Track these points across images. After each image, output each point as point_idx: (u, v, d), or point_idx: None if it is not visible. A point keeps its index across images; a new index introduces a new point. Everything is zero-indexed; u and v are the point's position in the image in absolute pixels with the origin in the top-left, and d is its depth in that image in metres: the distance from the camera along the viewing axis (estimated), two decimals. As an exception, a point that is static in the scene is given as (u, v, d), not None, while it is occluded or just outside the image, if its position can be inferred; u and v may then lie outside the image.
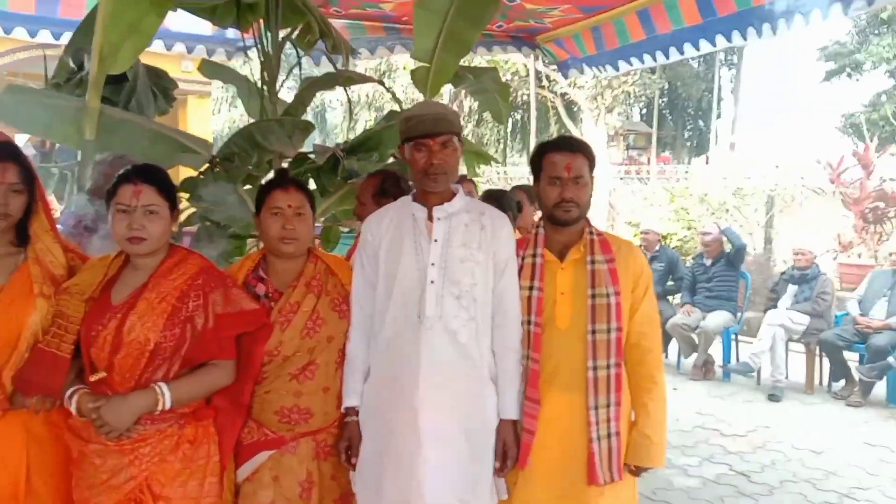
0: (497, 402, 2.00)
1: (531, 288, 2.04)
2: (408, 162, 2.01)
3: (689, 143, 27.27)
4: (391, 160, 3.53)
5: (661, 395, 2.05)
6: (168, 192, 1.91)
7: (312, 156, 3.36)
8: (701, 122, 27.14)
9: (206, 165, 3.11)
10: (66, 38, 4.61)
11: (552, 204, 2.02)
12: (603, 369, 1.97)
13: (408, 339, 1.97)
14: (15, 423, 1.84)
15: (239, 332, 1.94)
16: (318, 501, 2.08)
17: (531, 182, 2.24)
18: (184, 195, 3.05)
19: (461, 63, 3.69)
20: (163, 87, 3.71)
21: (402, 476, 1.93)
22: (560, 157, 2.02)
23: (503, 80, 4.02)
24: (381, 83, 3.76)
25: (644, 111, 24.92)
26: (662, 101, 22.53)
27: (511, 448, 1.99)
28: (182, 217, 2.64)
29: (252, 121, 3.43)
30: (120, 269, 1.95)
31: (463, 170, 3.63)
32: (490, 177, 14.18)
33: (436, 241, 1.98)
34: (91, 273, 1.92)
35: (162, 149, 3.01)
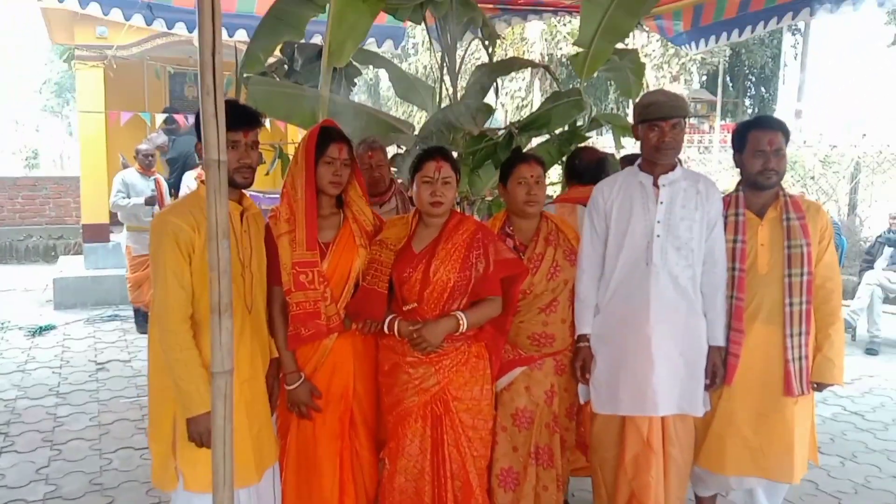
0: (706, 332, 2.52)
1: (735, 240, 2.54)
2: (639, 138, 2.52)
3: (749, 111, 26.92)
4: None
5: (842, 327, 2.54)
6: (456, 166, 2.46)
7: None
8: (762, 89, 26.69)
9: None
10: (180, 26, 4.79)
11: (756, 171, 2.50)
12: (797, 305, 2.47)
13: (637, 282, 2.50)
14: (347, 341, 2.44)
15: (506, 275, 2.49)
16: (558, 407, 2.65)
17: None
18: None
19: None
20: (349, 73, 4.27)
21: (638, 388, 2.47)
22: (763, 133, 2.49)
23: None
24: (548, 69, 4.22)
25: (704, 78, 24.69)
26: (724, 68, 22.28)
27: (719, 369, 2.51)
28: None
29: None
30: (415, 226, 2.52)
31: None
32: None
33: (661, 203, 2.49)
34: (398, 229, 2.49)
35: (376, 129, 3.57)
